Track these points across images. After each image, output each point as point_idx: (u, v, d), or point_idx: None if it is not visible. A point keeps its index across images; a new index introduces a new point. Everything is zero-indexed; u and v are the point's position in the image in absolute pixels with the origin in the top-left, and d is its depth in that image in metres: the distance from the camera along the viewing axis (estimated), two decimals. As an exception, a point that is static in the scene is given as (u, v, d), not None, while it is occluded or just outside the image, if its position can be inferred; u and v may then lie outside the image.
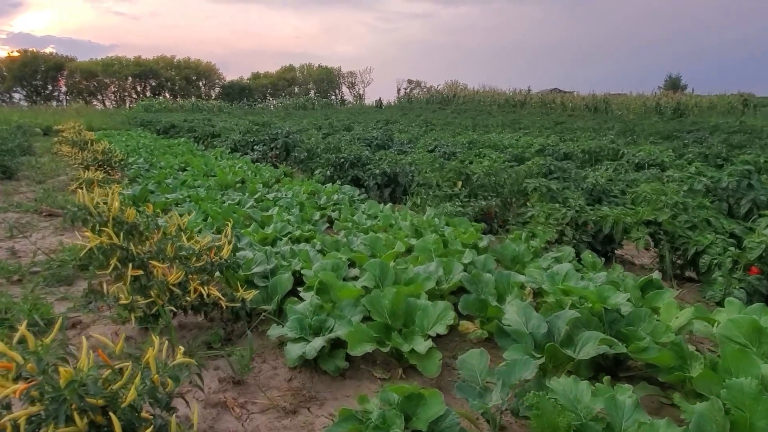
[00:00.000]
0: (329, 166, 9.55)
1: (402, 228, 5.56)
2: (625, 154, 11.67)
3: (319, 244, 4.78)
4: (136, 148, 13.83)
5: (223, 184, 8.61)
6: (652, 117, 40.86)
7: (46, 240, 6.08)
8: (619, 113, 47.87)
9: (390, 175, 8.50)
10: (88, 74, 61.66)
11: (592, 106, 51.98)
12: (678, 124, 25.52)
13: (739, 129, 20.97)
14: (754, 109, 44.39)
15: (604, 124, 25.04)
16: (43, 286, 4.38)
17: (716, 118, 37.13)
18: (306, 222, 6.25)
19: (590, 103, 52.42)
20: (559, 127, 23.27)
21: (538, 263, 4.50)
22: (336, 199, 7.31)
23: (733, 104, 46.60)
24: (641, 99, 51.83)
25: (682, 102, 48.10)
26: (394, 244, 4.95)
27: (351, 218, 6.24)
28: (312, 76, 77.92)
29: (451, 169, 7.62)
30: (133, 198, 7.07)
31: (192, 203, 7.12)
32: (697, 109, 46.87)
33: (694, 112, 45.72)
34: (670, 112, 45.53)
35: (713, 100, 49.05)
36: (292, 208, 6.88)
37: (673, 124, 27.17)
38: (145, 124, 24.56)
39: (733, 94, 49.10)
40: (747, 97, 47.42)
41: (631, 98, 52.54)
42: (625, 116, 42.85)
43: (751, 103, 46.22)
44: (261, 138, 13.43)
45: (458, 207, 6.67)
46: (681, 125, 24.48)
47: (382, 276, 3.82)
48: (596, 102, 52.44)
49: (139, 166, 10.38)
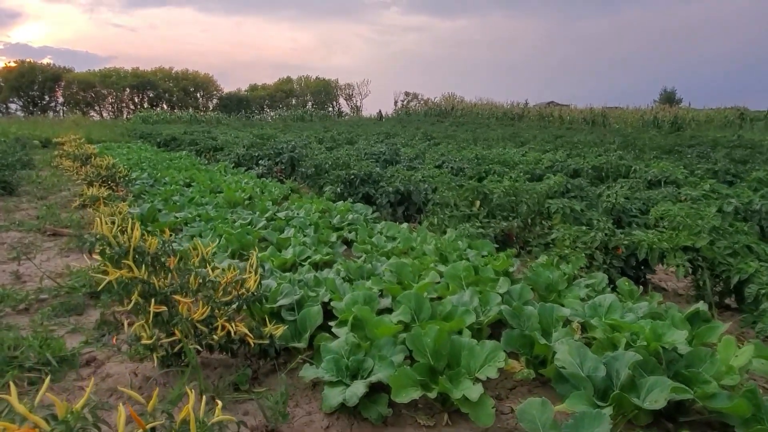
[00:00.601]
0: (339, 183, 9.33)
1: (426, 252, 5.33)
2: (636, 171, 11.51)
3: (344, 270, 4.54)
4: (138, 162, 13.58)
5: (231, 201, 8.38)
6: (651, 131, 40.88)
7: (52, 262, 5.82)
8: (617, 126, 47.90)
9: (403, 193, 8.28)
10: (85, 85, 61.41)
11: (590, 119, 52.05)
12: (677, 138, 25.41)
13: (739, 143, 20.88)
14: (750, 123, 44.46)
15: (604, 138, 24.92)
16: (51, 317, 4.12)
17: (714, 131, 37.19)
18: (322, 244, 6.02)
19: (588, 117, 52.49)
20: (559, 141, 23.13)
21: (576, 292, 4.27)
22: (351, 219, 7.09)
23: (730, 118, 46.68)
24: (639, 112, 51.89)
25: (679, 116, 48.16)
26: (422, 270, 4.72)
27: (369, 240, 6.01)
28: (309, 88, 77.91)
29: (468, 188, 7.41)
30: (141, 217, 6.82)
31: (202, 222, 6.88)
32: (694, 123, 46.95)
33: (692, 125, 45.80)
34: (668, 125, 45.59)
35: (710, 113, 49.15)
36: (306, 228, 6.65)
37: (672, 138, 27.08)
38: (144, 137, 24.32)
39: (729, 108, 49.22)
40: (743, 111, 47.53)
41: (628, 112, 52.64)
42: (623, 130, 42.85)
43: (747, 117, 46.31)
44: (266, 152, 13.21)
45: (479, 228, 6.46)
46: (681, 139, 24.37)
47: (418, 309, 3.59)
48: (594, 115, 52.51)
49: (143, 182, 10.14)
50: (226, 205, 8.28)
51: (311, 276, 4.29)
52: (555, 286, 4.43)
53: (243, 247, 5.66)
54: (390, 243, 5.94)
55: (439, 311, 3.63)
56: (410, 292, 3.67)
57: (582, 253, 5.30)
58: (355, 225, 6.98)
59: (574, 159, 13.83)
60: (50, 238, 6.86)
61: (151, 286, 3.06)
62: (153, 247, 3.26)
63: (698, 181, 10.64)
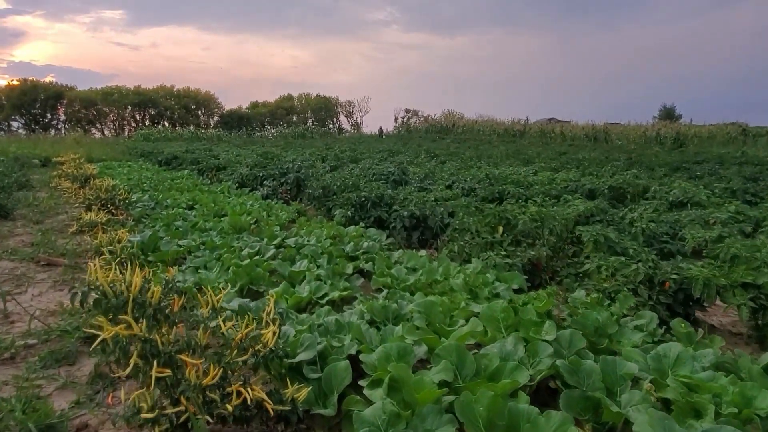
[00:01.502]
0: (349, 206, 8.88)
1: (454, 287, 4.86)
2: (656, 191, 11.07)
3: (367, 312, 4.06)
4: (139, 182, 13.15)
5: (237, 226, 7.92)
6: (654, 147, 40.57)
7: (44, 297, 5.35)
8: (619, 143, 47.59)
9: (419, 217, 7.82)
10: (87, 103, 61.22)
11: (592, 135, 51.73)
12: (683, 155, 24.98)
13: (746, 160, 20.49)
14: (753, 139, 44.13)
15: (609, 155, 24.49)
16: (39, 368, 3.64)
17: (717, 148, 36.90)
18: (338, 276, 5.55)
19: (590, 133, 52.17)
20: (564, 158, 22.70)
21: (629, 337, 3.80)
22: (366, 247, 6.62)
23: (732, 134, 46.38)
24: (641, 129, 51.61)
25: (681, 132, 47.87)
26: (452, 309, 4.25)
27: (389, 272, 5.54)
28: (310, 105, 77.86)
29: (489, 213, 6.95)
30: (141, 245, 6.35)
31: (207, 251, 6.42)
32: (696, 139, 46.62)
33: (694, 142, 45.47)
34: (670, 142, 45.30)
35: (711, 129, 48.84)
36: (319, 257, 6.18)
37: (676, 154, 26.71)
38: (146, 155, 23.92)
39: (731, 123, 48.97)
40: (745, 127, 47.28)
41: (629, 128, 52.34)
42: (625, 146, 42.55)
43: (749, 133, 46.01)
44: (270, 173, 12.78)
45: (505, 258, 6.00)
46: (686, 156, 23.94)
47: (460, 364, 3.12)
48: (596, 132, 52.19)
49: (144, 205, 9.69)
50: (231, 230, 7.82)
51: (332, 320, 3.82)
52: (604, 329, 3.95)
53: (252, 281, 5.19)
54: (411, 275, 5.47)
55: (484, 366, 3.16)
56: (450, 344, 3.19)
57: (625, 288, 4.84)
58: (370, 253, 6.51)
59: (587, 178, 13.41)
60: (44, 268, 6.39)
61: (153, 344, 2.59)
62: (156, 297, 2.79)
63: (721, 201, 10.21)
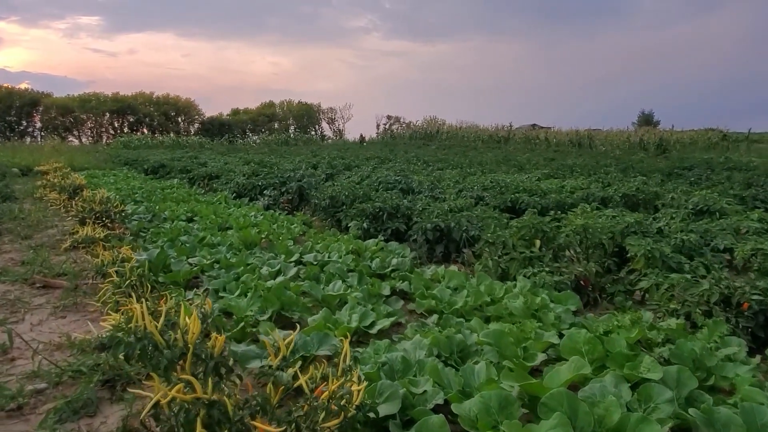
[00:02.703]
0: (364, 218, 8.35)
1: (513, 311, 4.36)
2: (674, 199, 10.72)
3: (434, 346, 3.54)
4: (129, 193, 12.45)
5: (247, 240, 7.34)
6: (639, 153, 40.75)
7: (45, 327, 4.73)
8: (603, 149, 47.73)
9: (443, 229, 7.32)
10: (64, 110, 59.75)
11: (576, 141, 51.88)
12: (672, 161, 24.93)
13: (734, 165, 20.49)
14: (733, 144, 44.53)
15: (598, 161, 24.24)
16: (53, 424, 3.05)
17: (700, 153, 37.16)
18: (374, 298, 5.02)
19: (574, 139, 52.31)
20: (554, 164, 22.42)
21: (739, 374, 3.33)
22: (395, 264, 6.09)
23: (713, 140, 46.80)
24: (624, 134, 51.90)
25: (664, 138, 48.19)
26: (524, 340, 3.75)
27: (430, 293, 5.02)
28: (292, 112, 77.15)
29: (524, 225, 6.48)
30: (149, 265, 5.74)
31: (222, 270, 5.84)
32: (678, 144, 46.94)
33: (676, 147, 45.76)
34: (654, 147, 45.55)
35: (693, 135, 49.26)
36: (347, 276, 5.65)
37: (661, 160, 26.70)
38: (130, 163, 23.10)
39: (712, 129, 49.42)
40: (726, 132, 47.77)
41: (612, 134, 52.56)
42: (611, 152, 42.68)
43: (729, 138, 46.49)
44: (270, 182, 12.18)
45: (551, 275, 5.52)
46: (674, 162, 23.84)
47: (572, 415, 2.61)
48: (580, 138, 52.36)
49: (140, 217, 9.05)
50: (241, 245, 7.24)
51: (397, 357, 3.29)
52: (702, 360, 3.48)
53: (283, 307, 4.63)
54: (456, 296, 4.96)
55: (598, 417, 2.65)
56: (560, 392, 2.68)
57: (697, 310, 4.39)
58: (400, 271, 5.99)
59: (596, 185, 13.04)
60: (40, 291, 5.74)
61: (221, 409, 2.04)
62: (219, 346, 2.24)
63: (743, 210, 9.90)
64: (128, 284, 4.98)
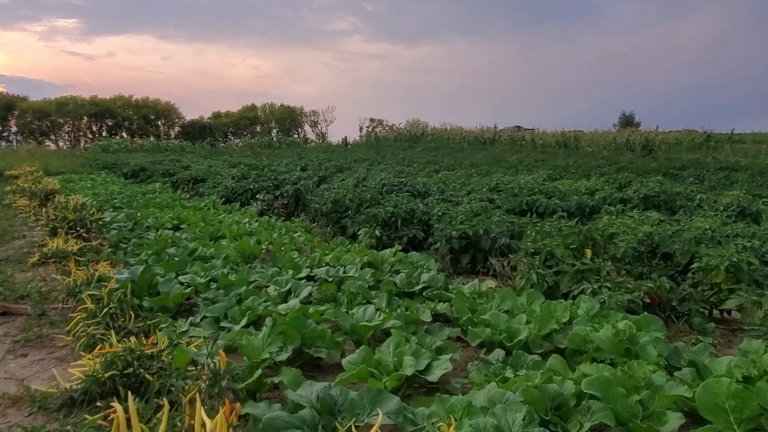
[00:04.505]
0: (375, 225, 7.41)
1: (601, 346, 3.45)
2: (703, 200, 9.94)
3: (529, 404, 2.62)
4: (108, 199, 11.35)
5: (245, 252, 6.36)
6: (626, 153, 40.56)
7: (0, 369, 3.73)
8: (590, 150, 47.51)
9: (470, 237, 6.41)
10: (40, 114, 57.98)
11: (562, 142, 51.71)
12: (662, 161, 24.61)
13: (726, 165, 20.24)
14: (716, 145, 44.52)
15: (591, 162, 23.64)
16: None
17: (686, 153, 37.09)
18: (412, 326, 4.09)
19: (560, 140, 52.14)
20: (546, 164, 21.85)
21: None
22: (426, 280, 5.15)
23: (697, 140, 46.83)
24: (610, 135, 51.94)
25: (649, 138, 48.13)
26: (635, 389, 2.85)
27: (483, 319, 4.09)
28: (274, 115, 76.08)
29: (571, 233, 5.59)
30: (132, 286, 4.72)
31: (221, 291, 4.87)
32: (664, 145, 46.89)
33: (662, 148, 45.67)
34: (640, 148, 45.39)
35: (677, 136, 49.34)
36: (372, 296, 4.71)
37: (649, 160, 26.47)
38: (109, 167, 21.89)
39: (693, 130, 49.47)
40: (710, 133, 47.82)
41: (598, 134, 52.52)
42: (597, 153, 42.47)
43: (713, 138, 46.52)
44: (263, 185, 11.18)
45: (617, 292, 4.64)
46: (665, 162, 23.51)
47: None
48: (566, 139, 52.23)
49: (120, 226, 8.01)
50: (238, 257, 6.27)
51: (488, 425, 2.36)
52: None
53: (305, 341, 3.66)
54: (514, 322, 4.04)
55: None
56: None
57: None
58: (432, 288, 5.06)
59: (610, 186, 12.26)
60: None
61: None
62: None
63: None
64: (106, 312, 3.99)
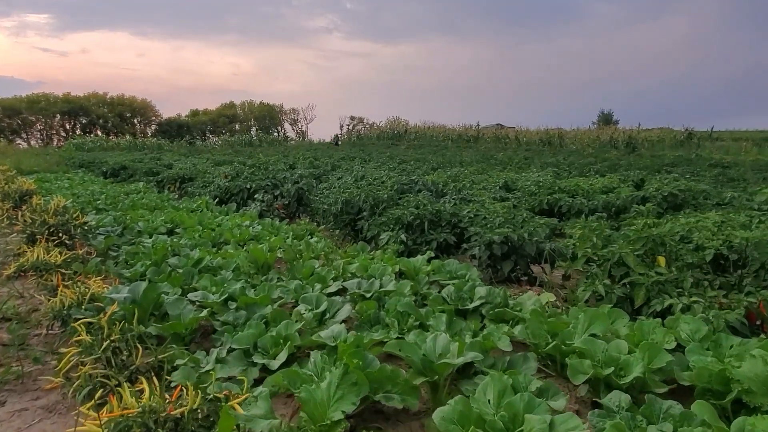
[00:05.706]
0: (398, 228, 6.63)
1: (750, 386, 2.71)
2: (734, 198, 9.36)
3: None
4: (89, 200, 10.38)
5: (259, 262, 5.53)
6: (611, 151, 40.60)
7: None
8: (574, 147, 47.50)
9: (514, 242, 5.66)
10: (11, 111, 55.90)
11: (546, 140, 51.73)
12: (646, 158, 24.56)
13: (715, 163, 20.21)
14: (698, 142, 44.80)
15: (579, 159, 23.25)
16: None
17: (669, 151, 37.32)
18: (488, 355, 3.33)
19: (544, 138, 52.15)
20: (536, 161, 21.52)
21: None
22: (483, 295, 4.38)
23: (679, 138, 47.11)
24: (593, 133, 52.23)
25: (633, 136, 48.28)
26: None
27: (580, 348, 3.33)
28: (253, 113, 74.72)
29: (639, 239, 4.87)
30: (133, 307, 3.87)
31: (242, 311, 4.04)
32: (647, 143, 47.08)
33: (645, 146, 45.82)
34: (624, 146, 45.45)
35: (659, 133, 49.68)
36: (426, 318, 3.93)
37: (635, 157, 26.52)
38: (86, 165, 20.73)
39: (678, 128, 49.78)
40: (691, 131, 48.11)
41: (581, 132, 52.71)
42: (582, 150, 42.48)
43: (694, 136, 46.80)
44: (261, 184, 10.31)
45: (713, 308, 3.93)
46: (648, 159, 23.42)
47: None
48: (549, 137, 52.29)
49: (108, 231, 7.11)
50: (250, 267, 5.44)
51: None
52: None
53: (373, 388, 2.84)
54: (613, 351, 3.29)
55: None
56: None
57: None
58: (491, 304, 4.30)
59: (626, 184, 11.65)
60: (-33, 351, 3.85)
61: None
62: None
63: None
64: (107, 347, 3.15)
